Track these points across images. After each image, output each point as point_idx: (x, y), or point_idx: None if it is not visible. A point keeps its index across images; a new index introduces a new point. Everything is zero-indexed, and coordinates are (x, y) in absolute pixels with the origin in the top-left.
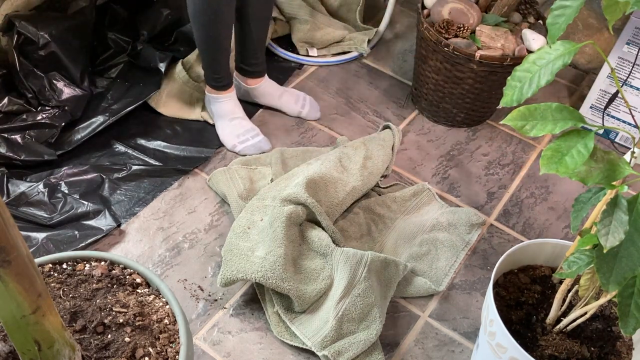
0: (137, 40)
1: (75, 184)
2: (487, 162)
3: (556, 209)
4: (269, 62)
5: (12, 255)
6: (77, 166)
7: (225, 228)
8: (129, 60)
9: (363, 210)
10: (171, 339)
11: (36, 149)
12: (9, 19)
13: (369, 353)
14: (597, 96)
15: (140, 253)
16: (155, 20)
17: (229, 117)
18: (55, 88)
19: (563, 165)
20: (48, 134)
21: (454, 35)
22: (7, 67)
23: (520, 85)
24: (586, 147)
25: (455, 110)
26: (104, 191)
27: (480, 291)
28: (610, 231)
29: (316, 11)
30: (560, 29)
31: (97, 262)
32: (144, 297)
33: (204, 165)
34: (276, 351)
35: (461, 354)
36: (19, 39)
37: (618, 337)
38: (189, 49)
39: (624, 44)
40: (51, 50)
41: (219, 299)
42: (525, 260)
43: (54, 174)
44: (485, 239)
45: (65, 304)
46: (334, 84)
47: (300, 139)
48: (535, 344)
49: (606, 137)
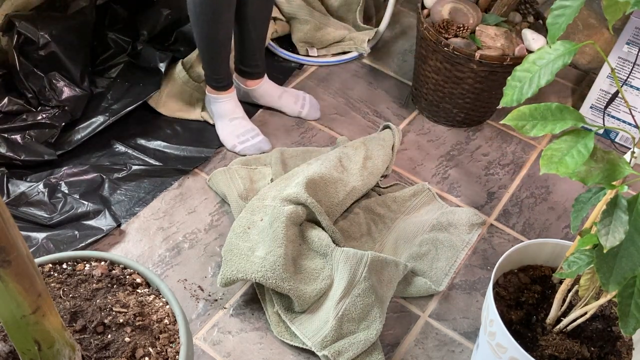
0: (137, 40)
1: (76, 184)
2: (487, 162)
3: (556, 209)
4: (268, 62)
5: (12, 255)
6: (77, 166)
7: (225, 228)
8: (129, 60)
9: (363, 210)
10: (171, 339)
11: (36, 149)
12: (9, 19)
13: (369, 353)
14: (597, 96)
15: (140, 253)
16: (156, 20)
17: (229, 117)
18: (55, 88)
19: (563, 165)
20: (48, 134)
21: (453, 35)
22: (7, 67)
23: (520, 85)
24: (586, 147)
25: (456, 110)
26: (104, 191)
27: (481, 291)
28: (610, 231)
29: (316, 11)
30: (560, 28)
31: (97, 262)
32: (144, 297)
33: (204, 165)
34: (276, 351)
35: (461, 354)
36: (19, 39)
37: (618, 337)
38: (189, 49)
39: (624, 44)
40: (51, 50)
41: (219, 299)
42: (526, 260)
43: (54, 174)
44: (485, 239)
45: (65, 304)
46: (334, 84)
47: (300, 139)
48: (535, 344)
49: (606, 137)
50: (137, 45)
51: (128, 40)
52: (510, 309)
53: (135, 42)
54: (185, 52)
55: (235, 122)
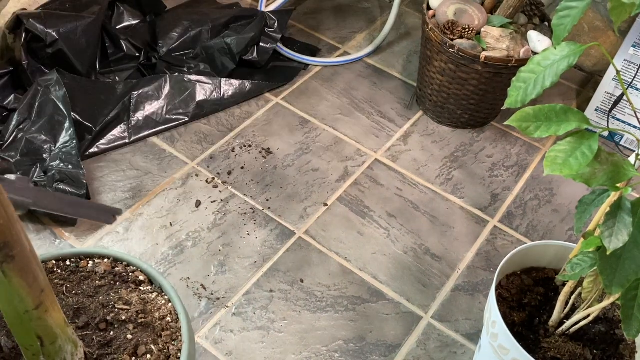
0: (153, 49)
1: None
2: (491, 164)
3: (560, 211)
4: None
5: (15, 250)
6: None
7: (229, 227)
8: (138, 68)
9: None
10: (173, 337)
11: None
12: (16, 17)
13: None
14: (603, 99)
15: (143, 251)
16: (174, 33)
17: None
18: None
19: (567, 167)
20: None
21: (459, 37)
22: (14, 64)
23: (524, 87)
24: (590, 149)
25: (460, 111)
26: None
27: (483, 293)
28: (613, 233)
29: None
30: (565, 30)
31: (100, 259)
32: (147, 295)
33: (208, 162)
34: (278, 350)
35: (463, 356)
36: (27, 36)
37: (621, 340)
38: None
39: (629, 47)
40: (58, 49)
41: (222, 297)
42: (529, 262)
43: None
44: (489, 240)
45: (68, 301)
46: (338, 84)
47: (304, 138)
48: (538, 346)
49: (611, 140)
50: (150, 56)
51: (140, 48)
52: (513, 311)
53: (150, 52)
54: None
55: None
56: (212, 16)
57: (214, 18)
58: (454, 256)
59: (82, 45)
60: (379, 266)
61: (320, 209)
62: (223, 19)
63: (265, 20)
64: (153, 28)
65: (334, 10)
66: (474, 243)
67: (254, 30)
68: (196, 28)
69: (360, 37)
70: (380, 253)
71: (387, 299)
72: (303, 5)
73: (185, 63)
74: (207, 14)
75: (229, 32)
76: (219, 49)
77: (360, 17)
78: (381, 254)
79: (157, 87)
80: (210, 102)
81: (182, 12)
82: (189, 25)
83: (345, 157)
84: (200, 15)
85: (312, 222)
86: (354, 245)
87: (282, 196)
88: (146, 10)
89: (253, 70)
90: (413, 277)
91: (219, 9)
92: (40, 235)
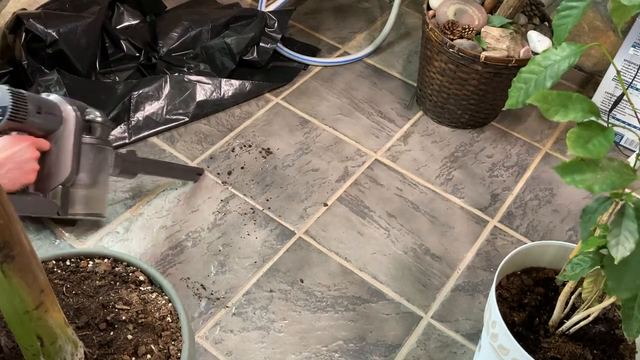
0: (153, 49)
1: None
2: (491, 164)
3: (560, 211)
4: (274, 62)
5: (15, 250)
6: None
7: (229, 227)
8: (138, 68)
9: None
10: (173, 337)
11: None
12: (16, 17)
13: None
14: (603, 99)
15: (143, 251)
16: (174, 33)
17: None
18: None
19: (587, 150)
20: None
21: (459, 37)
22: (14, 64)
23: (525, 87)
24: (607, 138)
25: (460, 111)
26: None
27: (483, 293)
28: (620, 242)
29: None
30: (566, 30)
31: (100, 259)
32: (147, 295)
33: (209, 163)
34: (278, 350)
35: (463, 356)
36: (27, 36)
37: (621, 340)
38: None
39: (629, 47)
40: (59, 49)
41: (221, 297)
42: (529, 262)
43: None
44: (489, 240)
45: (68, 301)
46: (338, 84)
47: (304, 138)
48: (538, 346)
49: None
50: (150, 56)
51: (140, 48)
52: (513, 311)
53: (149, 52)
54: (205, 69)
55: None
56: (212, 16)
57: (214, 18)
58: (454, 256)
59: (82, 45)
60: (379, 266)
61: (320, 209)
62: (223, 19)
63: (265, 20)
64: (153, 28)
65: (334, 10)
66: (474, 243)
67: (254, 30)
68: (196, 28)
69: (360, 37)
70: (380, 253)
71: (387, 299)
72: (303, 5)
73: (185, 63)
74: (207, 14)
75: (229, 32)
76: (219, 49)
77: (360, 17)
78: (381, 254)
79: (157, 87)
80: (210, 102)
81: (182, 12)
82: (189, 25)
83: (345, 157)
84: (200, 15)
85: (312, 222)
86: (354, 245)
87: (282, 196)
88: (146, 10)
89: (253, 71)
90: (413, 277)
91: (219, 9)
92: (40, 235)
